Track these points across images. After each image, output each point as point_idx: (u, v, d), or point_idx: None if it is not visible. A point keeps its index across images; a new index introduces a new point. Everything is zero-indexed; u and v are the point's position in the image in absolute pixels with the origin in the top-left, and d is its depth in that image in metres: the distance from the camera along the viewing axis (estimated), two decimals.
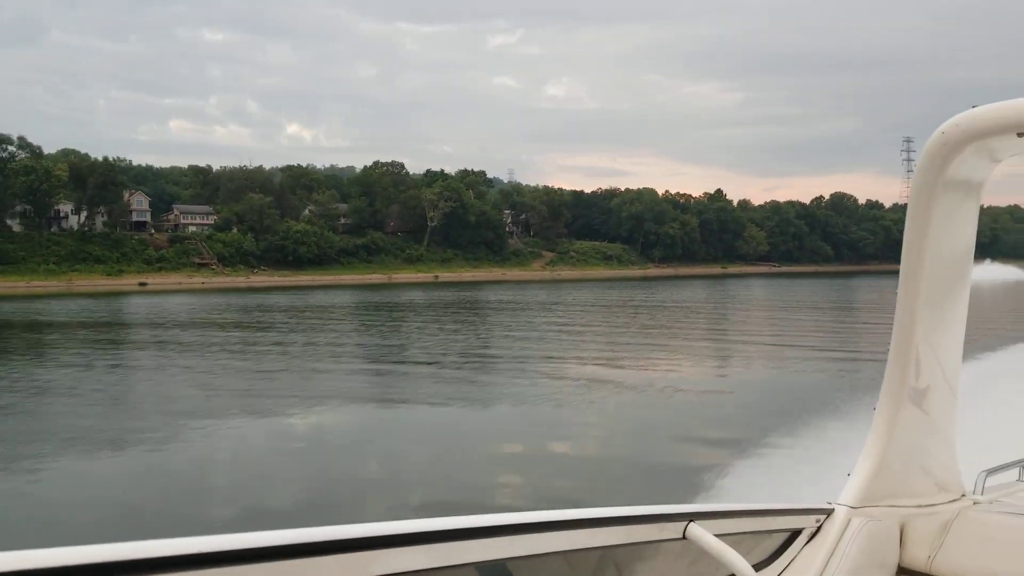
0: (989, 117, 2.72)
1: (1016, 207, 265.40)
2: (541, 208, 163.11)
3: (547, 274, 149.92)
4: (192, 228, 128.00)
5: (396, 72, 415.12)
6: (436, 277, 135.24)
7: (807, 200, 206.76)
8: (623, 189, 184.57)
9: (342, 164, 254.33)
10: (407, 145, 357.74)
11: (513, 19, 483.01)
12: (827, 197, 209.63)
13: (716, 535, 2.48)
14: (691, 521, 2.47)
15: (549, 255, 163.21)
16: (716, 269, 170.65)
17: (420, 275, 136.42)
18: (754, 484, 11.69)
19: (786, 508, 3.01)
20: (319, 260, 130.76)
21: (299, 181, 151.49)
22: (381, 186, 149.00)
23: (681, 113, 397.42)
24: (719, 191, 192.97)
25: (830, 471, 5.22)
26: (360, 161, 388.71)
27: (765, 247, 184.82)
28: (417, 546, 1.75)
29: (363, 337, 41.09)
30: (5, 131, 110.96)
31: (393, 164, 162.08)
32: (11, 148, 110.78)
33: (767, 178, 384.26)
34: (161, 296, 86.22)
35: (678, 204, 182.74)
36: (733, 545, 2.48)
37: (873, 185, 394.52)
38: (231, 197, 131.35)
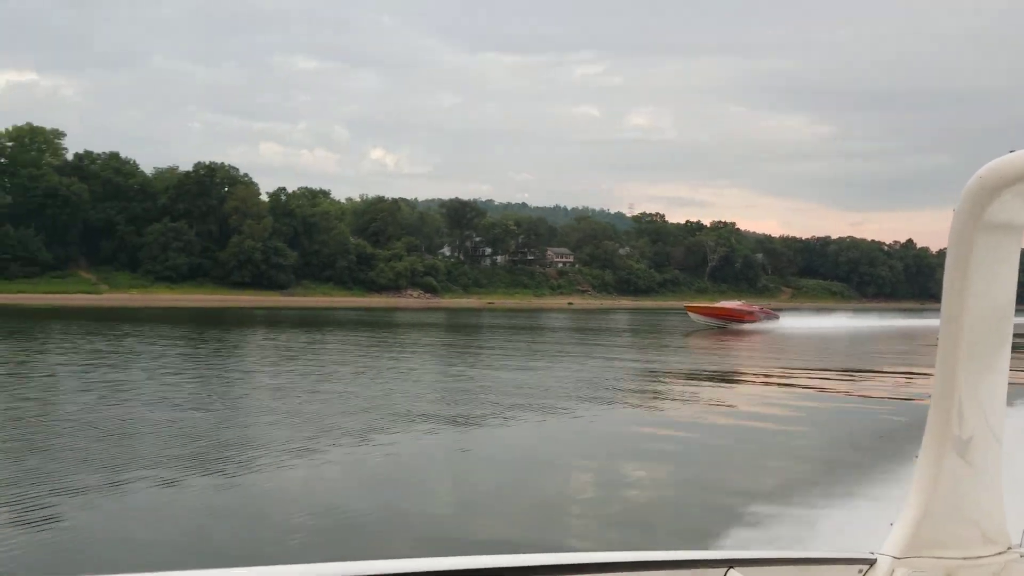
0: None
1: None
2: (788, 253, 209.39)
3: (795, 303, 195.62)
4: (560, 264, 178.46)
5: (478, 101, 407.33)
6: None
7: None
8: (834, 237, 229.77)
9: (423, 197, 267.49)
10: (486, 174, 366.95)
11: (598, 51, 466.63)
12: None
13: None
14: (731, 568, 2.48)
15: (788, 290, 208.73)
16: (915, 304, 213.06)
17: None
18: None
19: (828, 557, 3.00)
20: (645, 290, 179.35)
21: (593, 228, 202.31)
22: (671, 233, 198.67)
23: (762, 145, 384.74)
24: (910, 240, 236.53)
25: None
26: (440, 189, 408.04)
27: None
28: None
29: None
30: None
31: (658, 215, 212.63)
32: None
33: (849, 212, 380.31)
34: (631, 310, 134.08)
35: (883, 251, 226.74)
36: None
37: None
38: (583, 242, 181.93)
